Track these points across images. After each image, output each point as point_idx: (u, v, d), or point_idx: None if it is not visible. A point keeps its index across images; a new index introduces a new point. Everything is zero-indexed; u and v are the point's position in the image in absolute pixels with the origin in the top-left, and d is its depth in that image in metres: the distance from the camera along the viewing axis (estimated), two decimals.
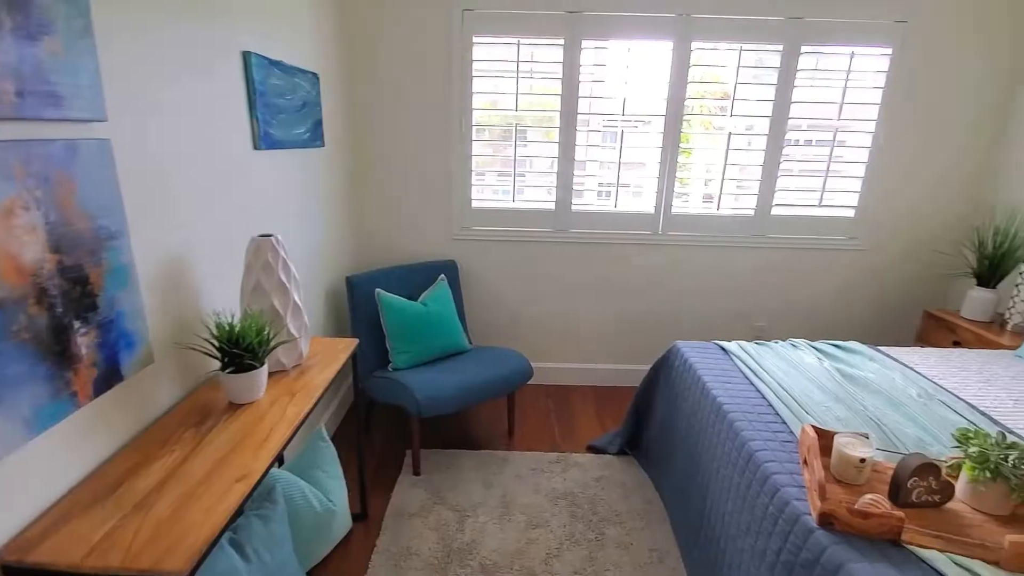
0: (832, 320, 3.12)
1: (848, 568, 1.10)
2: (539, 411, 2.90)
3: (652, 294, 3.07)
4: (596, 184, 2.98)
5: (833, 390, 1.80)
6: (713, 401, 1.80)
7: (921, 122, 2.78)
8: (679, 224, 2.94)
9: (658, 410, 2.28)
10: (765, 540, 1.36)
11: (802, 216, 2.94)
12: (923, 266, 3.03)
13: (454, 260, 2.91)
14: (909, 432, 1.57)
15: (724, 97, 2.78)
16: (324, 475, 1.86)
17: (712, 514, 1.67)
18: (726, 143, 2.78)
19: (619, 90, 2.75)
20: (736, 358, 2.06)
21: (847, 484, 1.35)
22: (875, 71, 2.72)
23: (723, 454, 1.66)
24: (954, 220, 2.95)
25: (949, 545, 1.15)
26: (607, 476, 2.32)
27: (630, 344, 3.15)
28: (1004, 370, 2.06)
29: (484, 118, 2.82)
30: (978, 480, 1.24)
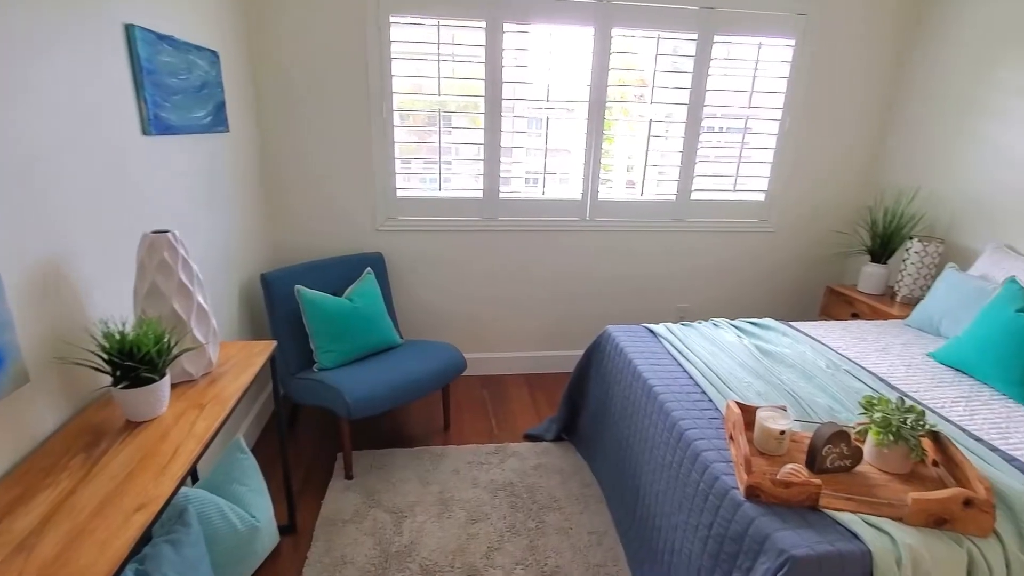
0: (749, 298, 3.31)
1: (774, 537, 1.16)
2: (475, 403, 2.87)
3: (582, 279, 3.10)
4: (523, 171, 2.96)
5: (753, 366, 1.90)
6: (644, 383, 1.84)
7: (821, 111, 2.98)
8: (606, 210, 2.98)
9: (592, 394, 2.32)
10: (697, 515, 1.40)
11: (718, 200, 3.07)
12: (824, 245, 3.27)
13: (380, 252, 2.79)
14: (821, 402, 1.68)
15: (643, 85, 2.83)
16: (245, 489, 1.73)
17: (646, 493, 1.72)
18: (647, 130, 2.85)
19: (543, 76, 2.73)
20: (664, 340, 2.12)
21: (769, 456, 1.42)
22: (780, 61, 2.87)
23: (655, 434, 1.70)
24: (850, 202, 3.21)
25: (860, 506, 1.24)
26: (545, 463, 2.33)
27: (562, 330, 3.18)
28: (896, 338, 2.26)
29: (406, 103, 2.71)
30: (882, 443, 1.34)
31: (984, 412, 1.68)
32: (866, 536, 1.14)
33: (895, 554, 1.12)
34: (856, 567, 1.12)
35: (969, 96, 2.59)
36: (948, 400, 1.75)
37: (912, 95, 2.90)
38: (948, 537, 1.17)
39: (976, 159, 2.57)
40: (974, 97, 2.57)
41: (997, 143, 2.47)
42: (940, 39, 2.74)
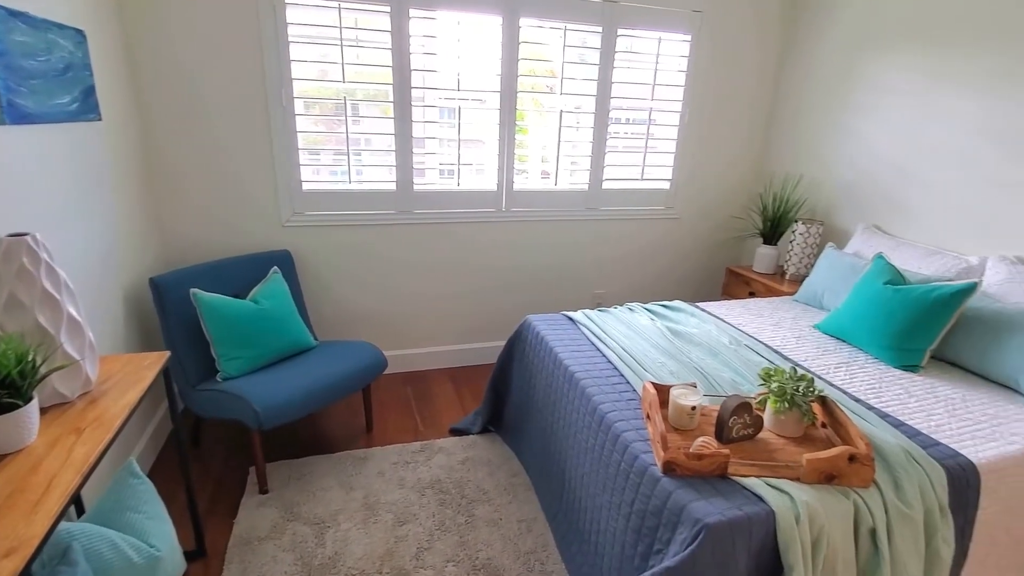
0: (660, 282, 3.48)
1: (689, 508, 1.22)
2: (398, 401, 2.79)
3: (501, 270, 3.11)
4: (438, 163, 2.90)
5: (665, 347, 1.99)
6: (565, 370, 1.88)
7: (716, 104, 3.18)
8: (521, 200, 3.00)
9: (516, 384, 2.33)
10: (620, 494, 1.46)
11: (628, 189, 3.20)
12: (723, 230, 3.51)
13: (287, 250, 2.63)
14: (726, 376, 1.80)
15: (553, 76, 2.87)
16: (141, 517, 1.56)
17: (572, 477, 1.76)
18: (558, 121, 2.89)
19: (452, 65, 2.68)
20: (582, 326, 2.17)
21: (683, 431, 1.50)
22: (679, 56, 3.02)
23: (578, 419, 1.75)
24: (744, 189, 3.46)
25: (763, 470, 1.34)
26: (472, 456, 2.32)
27: (484, 322, 3.18)
28: (787, 313, 2.48)
29: (310, 91, 2.56)
30: (779, 411, 1.46)
31: (861, 375, 1.88)
32: (769, 498, 1.24)
33: (794, 511, 1.22)
34: (762, 527, 1.21)
35: (840, 93, 2.87)
36: (831, 366, 1.94)
37: (793, 91, 3.16)
38: (837, 491, 1.30)
39: (847, 150, 2.85)
40: (844, 94, 2.85)
41: (864, 136, 2.76)
42: (814, 40, 3.00)
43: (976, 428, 1.59)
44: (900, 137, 2.58)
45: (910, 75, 2.52)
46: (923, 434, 1.53)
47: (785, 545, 1.20)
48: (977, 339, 1.88)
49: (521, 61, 2.76)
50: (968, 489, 1.42)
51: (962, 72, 2.31)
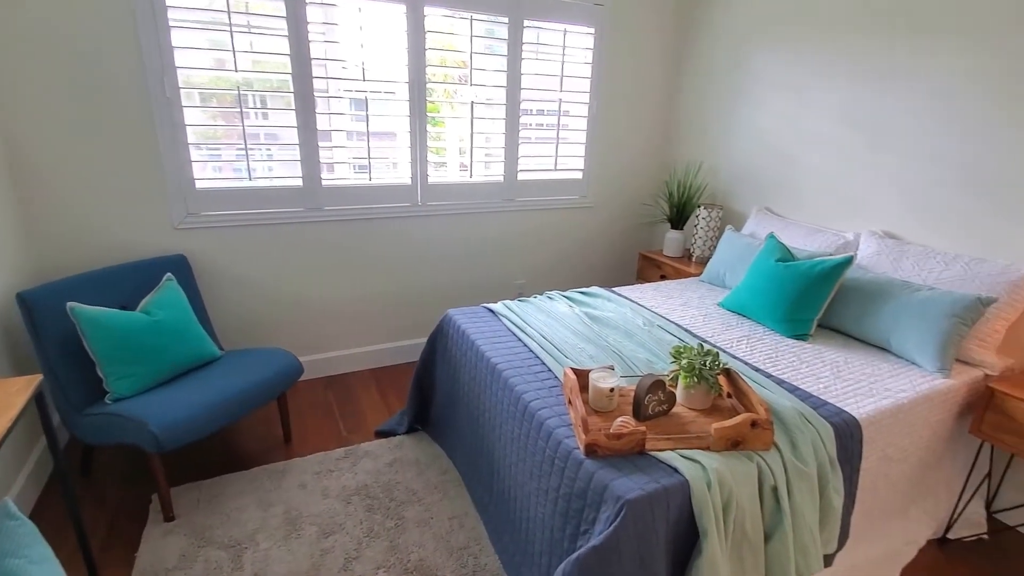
0: (578, 269, 3.57)
1: (611, 486, 1.27)
2: (319, 407, 2.67)
3: (420, 266, 3.05)
4: (349, 157, 2.79)
5: (584, 332, 2.05)
6: (488, 362, 1.88)
7: (622, 95, 3.30)
8: (437, 194, 2.96)
9: (440, 380, 2.31)
10: (546, 480, 1.48)
11: (542, 180, 3.24)
12: (634, 216, 3.66)
13: (182, 254, 2.42)
14: (641, 356, 1.88)
15: (463, 67, 2.84)
16: (23, 562, 1.38)
17: (500, 468, 1.77)
18: (470, 112, 2.87)
19: (357, 54, 2.58)
20: (503, 318, 2.18)
21: (603, 413, 1.55)
22: (584, 48, 3.09)
23: (503, 410, 1.75)
24: (651, 177, 3.62)
25: (677, 443, 1.41)
26: (400, 458, 2.27)
27: (405, 319, 3.11)
28: (694, 293, 2.63)
29: (202, 80, 2.35)
30: (690, 385, 1.55)
31: (760, 347, 2.04)
32: (683, 468, 1.31)
33: (706, 479, 1.30)
34: (677, 496, 1.28)
35: (731, 84, 3.07)
36: (734, 340, 2.08)
37: (691, 82, 3.34)
38: (742, 456, 1.40)
39: (740, 138, 3.06)
40: (735, 85, 3.05)
41: (753, 125, 2.97)
42: (706, 35, 3.18)
43: (857, 387, 1.77)
44: (784, 126, 2.80)
45: (788, 68, 2.74)
46: (813, 396, 1.69)
47: (699, 511, 1.28)
48: (854, 307, 2.09)
49: (429, 51, 2.70)
50: (852, 442, 1.58)
51: (829, 66, 2.54)
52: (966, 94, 2.08)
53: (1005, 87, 1.98)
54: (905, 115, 2.28)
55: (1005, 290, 1.90)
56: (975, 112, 2.06)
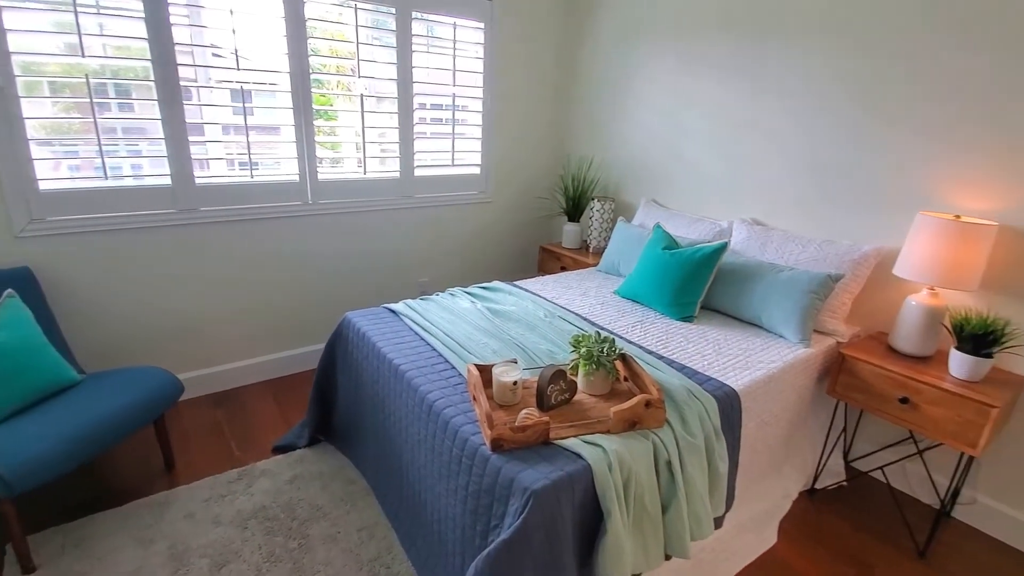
0: (480, 264, 3.58)
1: (518, 479, 1.28)
2: (206, 427, 2.45)
3: (315, 268, 2.89)
4: (225, 152, 2.57)
5: (487, 327, 2.05)
6: (390, 364, 1.83)
7: (516, 90, 3.34)
8: (329, 191, 2.81)
9: (342, 386, 2.21)
10: (455, 479, 1.47)
11: (440, 175, 3.20)
12: (533, 210, 3.73)
13: (27, 267, 2.10)
14: (543, 348, 1.93)
15: (351, 57, 2.72)
16: None
17: (409, 471, 1.73)
18: (360, 106, 2.76)
19: (229, 40, 2.37)
20: (405, 318, 2.13)
21: (508, 406, 1.56)
22: (475, 43, 3.09)
23: (408, 412, 1.71)
24: (548, 171, 3.71)
25: (580, 430, 1.46)
26: (301, 473, 2.15)
27: (301, 325, 2.94)
28: (592, 282, 2.74)
29: (46, 67, 2.03)
30: (589, 373, 1.61)
31: (652, 331, 2.16)
32: (585, 453, 1.36)
33: (606, 460, 1.36)
34: (581, 481, 1.32)
35: (618, 80, 3.22)
36: (629, 325, 2.20)
37: (581, 78, 3.46)
38: (639, 435, 1.47)
39: (627, 133, 3.23)
40: (622, 83, 3.20)
41: (639, 120, 3.14)
42: (595, 33, 3.31)
43: (735, 361, 1.94)
44: (665, 120, 2.99)
45: (668, 67, 2.92)
46: (699, 373, 1.82)
47: (602, 492, 1.33)
48: (730, 288, 2.29)
49: (317, 41, 2.56)
50: (733, 412, 1.73)
51: (703, 66, 2.75)
52: (813, 95, 2.35)
53: (843, 90, 2.25)
54: (766, 113, 2.53)
55: (850, 267, 2.17)
56: (822, 112, 2.33)
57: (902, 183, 2.14)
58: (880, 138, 2.17)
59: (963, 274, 1.83)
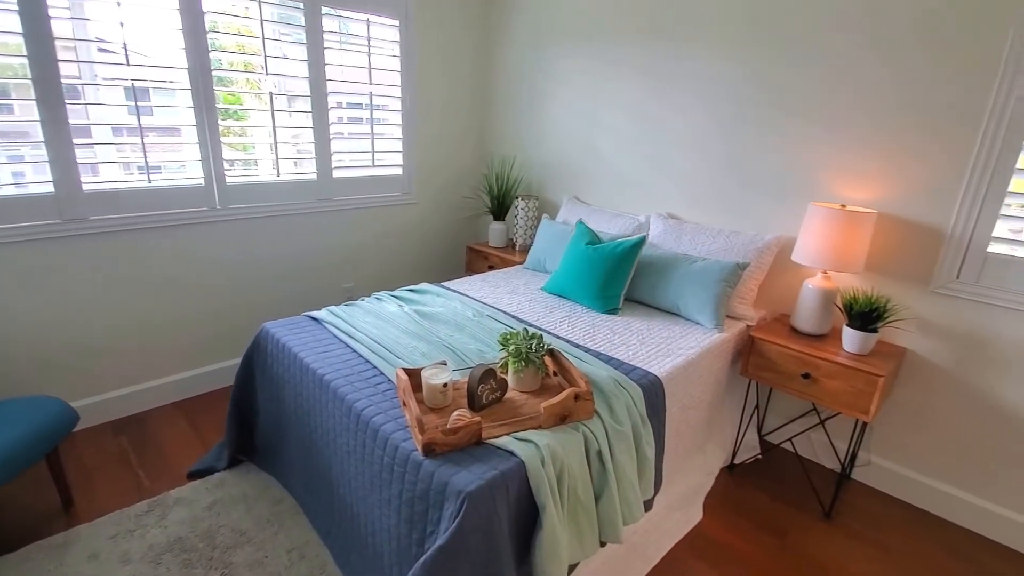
0: (407, 267, 3.51)
1: (451, 482, 1.27)
2: (109, 458, 2.24)
3: (227, 276, 2.72)
4: (119, 156, 2.35)
5: (415, 331, 2.02)
6: (314, 374, 1.75)
7: (435, 89, 3.30)
8: (240, 195, 2.65)
9: (263, 402, 2.09)
10: (388, 488, 1.43)
11: (361, 177, 3.11)
12: (459, 210, 3.71)
13: None
14: (473, 348, 1.92)
15: (258, 54, 2.57)
16: None
17: (340, 485, 1.67)
18: (270, 105, 2.62)
19: (117, 35, 2.17)
20: (328, 325, 2.05)
21: (439, 409, 1.54)
22: (391, 40, 3.02)
23: (335, 423, 1.65)
24: (472, 171, 3.70)
25: (512, 427, 1.47)
26: (222, 498, 2.01)
27: (214, 339, 2.75)
28: (519, 280, 2.76)
29: None
30: (518, 370, 1.62)
31: (579, 324, 2.22)
32: (518, 450, 1.37)
33: (539, 456, 1.38)
34: (515, 478, 1.33)
35: (537, 81, 3.27)
36: (556, 320, 2.24)
37: (501, 77, 3.48)
38: (570, 428, 1.51)
39: (547, 132, 3.28)
40: (540, 82, 3.25)
41: (558, 120, 3.21)
42: (513, 33, 3.34)
43: (658, 349, 2.03)
44: (582, 119, 3.07)
45: (584, 68, 3.00)
46: (625, 363, 1.89)
47: (536, 487, 1.35)
48: (650, 280, 2.39)
49: (222, 36, 2.40)
50: (658, 398, 1.80)
51: (617, 68, 2.85)
52: (716, 97, 2.50)
53: (743, 92, 2.41)
54: (675, 113, 2.66)
55: (754, 256, 2.34)
56: (724, 112, 2.49)
57: (797, 176, 2.33)
58: (777, 136, 2.35)
59: (850, 258, 2.02)
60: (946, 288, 2.03)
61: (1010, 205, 1.88)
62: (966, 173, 1.93)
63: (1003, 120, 1.83)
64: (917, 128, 2.00)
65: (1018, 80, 1.78)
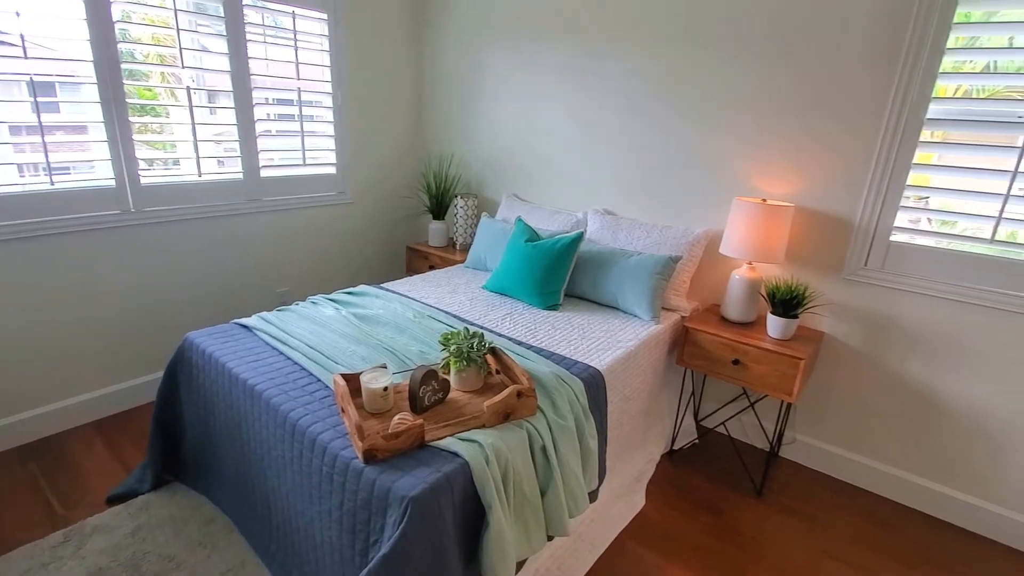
0: (345, 269, 3.41)
1: (394, 488, 1.24)
2: (17, 486, 2.04)
3: (145, 285, 2.53)
4: (18, 157, 2.13)
5: (353, 334, 1.96)
6: (244, 385, 1.66)
7: (368, 85, 3.21)
8: (157, 197, 2.47)
9: (189, 416, 1.96)
10: (328, 499, 1.38)
11: (291, 176, 2.98)
12: (397, 209, 3.64)
13: None
14: (414, 349, 1.89)
15: (173, 46, 2.40)
16: None
17: (277, 499, 1.59)
18: (188, 100, 2.46)
19: (12, 25, 1.97)
20: (260, 332, 1.95)
21: (380, 414, 1.50)
22: (319, 34, 2.91)
23: (270, 435, 1.58)
24: (409, 169, 3.64)
25: (455, 428, 1.46)
26: (147, 522, 1.88)
27: (133, 353, 2.56)
28: (460, 279, 2.75)
29: None
30: (460, 369, 1.61)
31: (521, 321, 2.23)
32: (462, 451, 1.36)
33: (484, 455, 1.37)
34: (460, 480, 1.32)
35: (472, 79, 3.25)
36: (498, 318, 2.24)
37: (436, 74, 3.43)
38: (514, 425, 1.51)
39: (484, 129, 3.28)
40: (476, 80, 3.24)
41: (494, 118, 3.21)
42: (446, 30, 3.30)
43: (598, 343, 2.07)
44: (519, 117, 3.09)
45: (517, 66, 3.01)
46: (567, 358, 1.92)
47: (481, 487, 1.34)
48: (590, 275, 2.44)
49: (127, 26, 2.22)
50: (599, 391, 1.84)
51: (550, 66, 2.88)
52: (647, 97, 2.58)
53: (681, 88, 2.50)
54: (607, 109, 2.72)
55: (686, 249, 2.43)
56: (656, 111, 2.57)
57: (722, 173, 2.44)
58: (703, 134, 2.45)
59: (771, 249, 2.14)
60: (856, 275, 2.19)
61: (909, 197, 2.06)
62: (870, 168, 2.08)
63: (901, 117, 1.99)
64: (828, 126, 2.15)
65: (914, 79, 1.95)
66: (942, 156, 2.00)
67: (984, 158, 1.93)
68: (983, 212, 1.92)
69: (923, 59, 1.92)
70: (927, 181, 2.05)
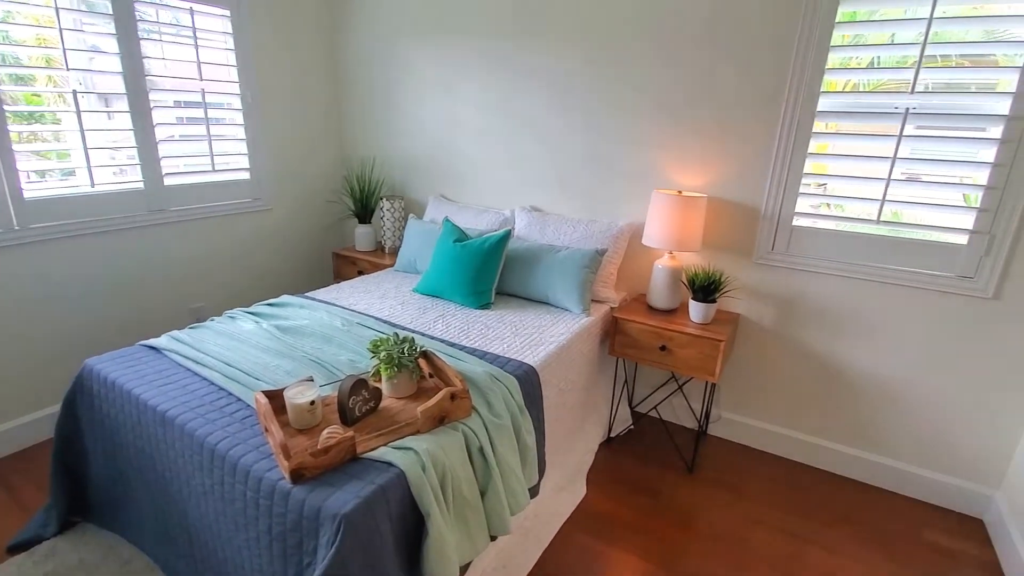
0: (265, 280, 3.24)
1: (325, 506, 1.19)
2: None
3: (36, 310, 2.29)
4: None
5: (276, 348, 1.87)
6: (154, 411, 1.54)
7: (282, 86, 3.06)
8: (45, 212, 2.24)
9: (94, 451, 1.80)
10: (255, 525, 1.31)
11: (200, 183, 2.79)
12: (321, 215, 3.50)
13: None
14: (343, 359, 1.82)
15: (56, 47, 2.18)
16: None
17: (200, 531, 1.49)
18: (75, 105, 2.24)
19: None
20: (170, 352, 1.82)
21: (309, 430, 1.44)
22: (222, 32, 2.74)
23: (186, 463, 1.47)
24: (332, 173, 3.51)
25: (389, 437, 1.42)
26: (55, 569, 1.70)
27: (25, 386, 2.31)
28: (390, 283, 2.68)
29: None
30: (391, 376, 1.57)
31: (454, 322, 2.21)
32: (397, 460, 1.33)
33: (420, 463, 1.35)
34: (396, 490, 1.29)
35: (391, 79, 3.17)
36: (430, 321, 2.21)
37: (353, 75, 3.33)
38: (449, 428, 1.49)
39: (406, 130, 3.21)
40: (395, 80, 3.16)
41: (416, 118, 3.15)
42: (362, 28, 3.20)
43: (531, 339, 2.09)
44: (441, 116, 3.05)
45: (438, 65, 2.98)
46: (500, 356, 1.92)
47: (419, 496, 1.32)
48: (519, 272, 2.46)
49: (7, 27, 1.99)
50: (534, 387, 1.86)
51: (472, 64, 2.87)
52: (566, 94, 2.62)
53: (600, 84, 2.56)
54: (528, 106, 2.74)
55: (611, 242, 2.50)
56: (575, 107, 2.62)
57: (641, 166, 2.53)
58: (623, 131, 2.53)
59: (689, 238, 2.25)
60: (764, 259, 2.34)
61: (808, 184, 2.22)
62: (772, 157, 2.23)
63: (796, 110, 2.14)
64: (735, 119, 2.28)
65: (805, 72, 2.10)
66: (835, 146, 2.17)
67: (869, 146, 2.11)
68: (870, 196, 2.11)
69: (811, 56, 2.07)
70: (824, 169, 2.22)
